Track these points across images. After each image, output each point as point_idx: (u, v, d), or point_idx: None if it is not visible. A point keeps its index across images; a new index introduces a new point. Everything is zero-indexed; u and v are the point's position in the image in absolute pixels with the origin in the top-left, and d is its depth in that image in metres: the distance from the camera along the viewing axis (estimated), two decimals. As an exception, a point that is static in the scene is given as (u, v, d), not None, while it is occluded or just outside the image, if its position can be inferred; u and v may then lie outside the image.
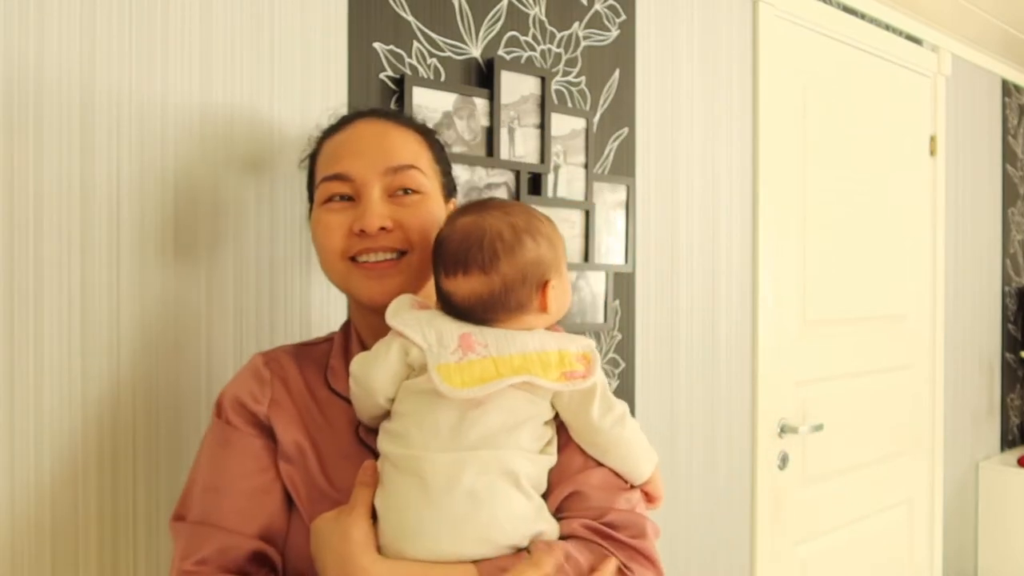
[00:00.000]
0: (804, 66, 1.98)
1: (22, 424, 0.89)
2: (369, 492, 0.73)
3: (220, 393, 0.84)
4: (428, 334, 0.74)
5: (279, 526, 0.78)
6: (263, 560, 0.76)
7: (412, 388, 0.75)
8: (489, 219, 0.77)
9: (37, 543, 0.90)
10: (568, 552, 0.70)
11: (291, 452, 0.79)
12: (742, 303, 1.81)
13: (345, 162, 0.83)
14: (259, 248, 1.07)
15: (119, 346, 0.96)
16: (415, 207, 0.83)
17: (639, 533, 0.75)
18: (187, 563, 0.74)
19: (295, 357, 0.87)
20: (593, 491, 0.76)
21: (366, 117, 0.88)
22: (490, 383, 0.71)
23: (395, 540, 0.70)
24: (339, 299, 1.15)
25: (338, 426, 0.81)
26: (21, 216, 0.89)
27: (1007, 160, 2.76)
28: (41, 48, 0.90)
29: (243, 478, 0.78)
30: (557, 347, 0.76)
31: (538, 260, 0.77)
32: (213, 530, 0.75)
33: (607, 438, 0.77)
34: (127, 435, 0.96)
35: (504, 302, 0.76)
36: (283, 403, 0.82)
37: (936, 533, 2.43)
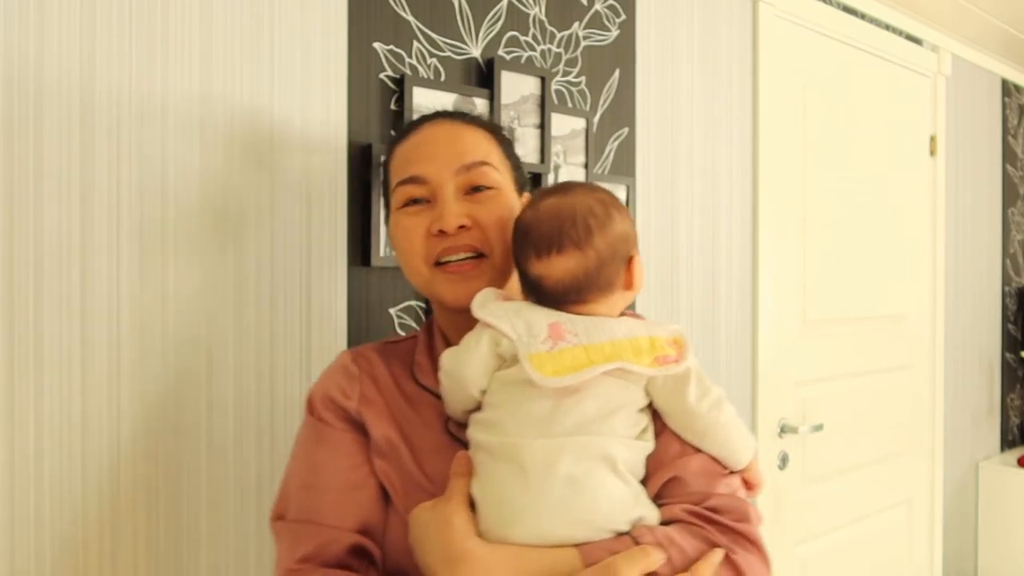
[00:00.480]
0: (804, 66, 1.98)
1: (22, 425, 0.89)
2: (465, 481, 0.73)
3: (310, 391, 0.86)
4: (517, 324, 0.74)
5: (376, 519, 0.79)
6: (363, 553, 0.77)
7: (504, 379, 0.75)
8: (577, 196, 0.77)
9: (36, 549, 0.90)
10: (671, 537, 0.70)
11: (383, 447, 0.80)
12: (742, 303, 1.81)
13: (418, 165, 0.84)
14: (259, 248, 1.07)
15: (119, 346, 0.96)
16: (490, 203, 0.83)
17: (742, 517, 0.74)
18: (291, 561, 0.75)
19: (381, 354, 0.88)
20: (693, 477, 0.75)
21: (434, 120, 0.89)
22: (583, 371, 0.71)
23: (496, 526, 0.70)
24: (341, 300, 1.15)
25: (427, 420, 0.82)
26: (21, 216, 0.89)
27: (1007, 160, 2.76)
28: (41, 48, 0.90)
29: (338, 474, 0.79)
30: (647, 333, 0.75)
31: (625, 235, 0.78)
32: (312, 527, 0.76)
33: (704, 423, 0.76)
34: (128, 435, 0.96)
35: (596, 280, 0.75)
36: (373, 398, 0.83)
37: (936, 533, 2.43)
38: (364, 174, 1.17)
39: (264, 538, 1.08)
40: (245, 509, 1.06)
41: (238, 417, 1.06)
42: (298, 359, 1.11)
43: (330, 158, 1.14)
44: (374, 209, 1.16)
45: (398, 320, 1.21)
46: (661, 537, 0.69)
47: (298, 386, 1.11)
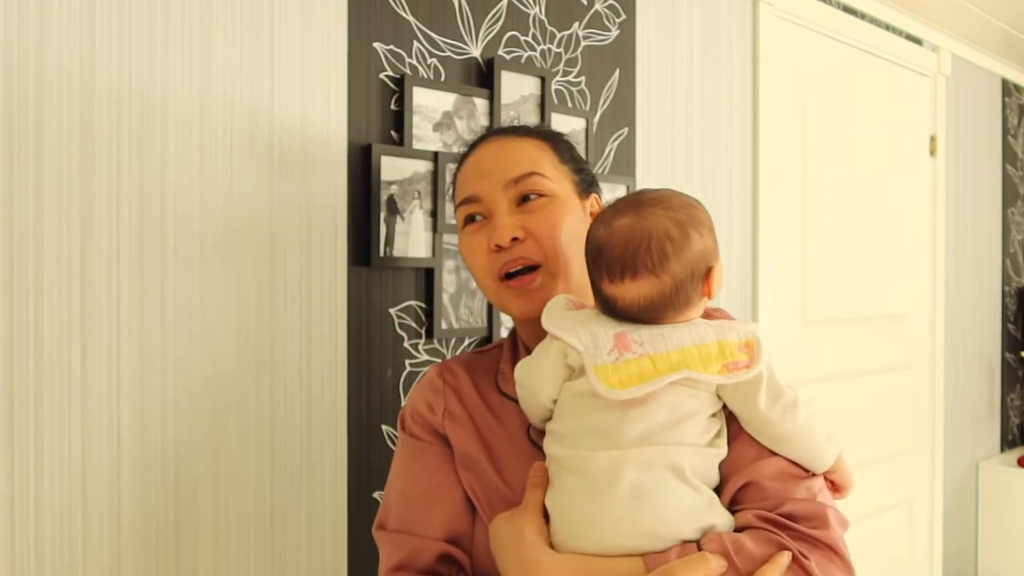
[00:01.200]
0: (804, 66, 1.98)
1: (22, 425, 0.89)
2: (540, 492, 0.75)
3: (403, 408, 0.91)
4: (583, 336, 0.74)
5: (464, 528, 0.82)
6: (451, 560, 0.81)
7: (572, 390, 0.75)
8: (652, 218, 0.74)
9: (36, 551, 0.90)
10: (739, 543, 0.68)
11: (465, 460, 0.84)
12: (742, 303, 1.81)
13: (473, 184, 0.87)
14: (259, 248, 1.07)
15: (119, 346, 0.96)
16: (541, 211, 0.84)
17: (821, 523, 0.71)
18: (386, 569, 0.81)
19: (466, 366, 0.92)
20: (768, 481, 0.73)
21: (487, 138, 0.91)
22: (648, 382, 0.70)
23: (566, 537, 0.71)
24: (341, 300, 1.15)
25: (511, 427, 0.84)
26: (21, 217, 0.89)
27: (1007, 160, 2.76)
28: (41, 48, 0.90)
29: (427, 485, 0.84)
30: (717, 338, 0.74)
31: (704, 252, 0.75)
32: (405, 536, 0.81)
33: (778, 428, 0.74)
34: (127, 435, 0.96)
35: (673, 301, 0.74)
36: (456, 412, 0.87)
37: (936, 533, 2.43)
38: (364, 174, 1.17)
39: (263, 532, 1.08)
40: (245, 506, 1.06)
41: (238, 416, 1.06)
42: (298, 359, 1.11)
43: (330, 158, 1.14)
44: (374, 209, 1.16)
45: (398, 320, 1.21)
46: (728, 543, 0.68)
47: (298, 385, 1.11)
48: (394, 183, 1.19)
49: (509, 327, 1.33)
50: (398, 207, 1.20)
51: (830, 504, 0.75)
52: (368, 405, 1.18)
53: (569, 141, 0.94)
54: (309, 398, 1.12)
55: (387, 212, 1.18)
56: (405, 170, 1.20)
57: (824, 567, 0.70)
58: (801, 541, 0.70)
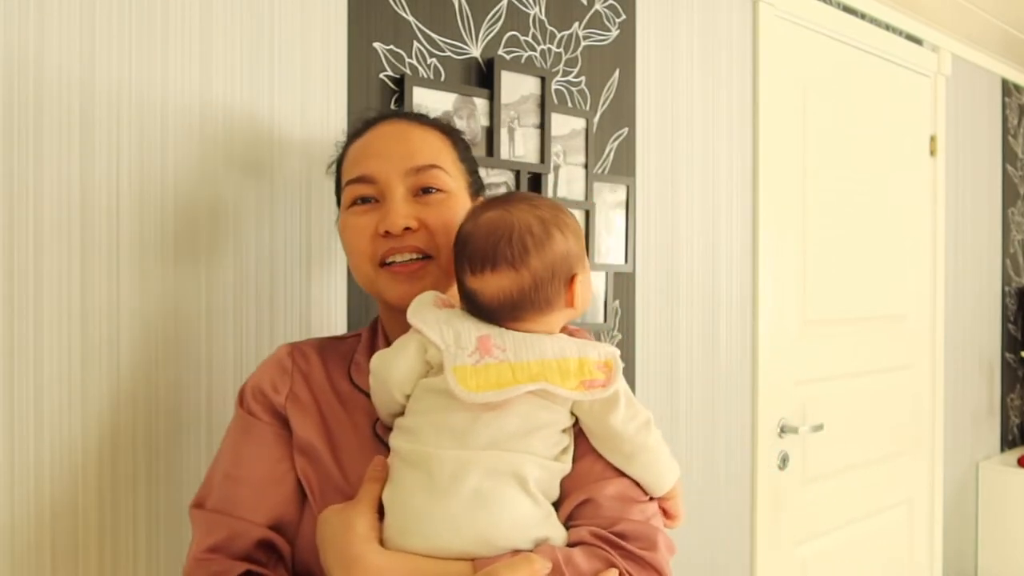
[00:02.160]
0: (804, 66, 1.98)
1: (21, 426, 0.89)
2: (377, 487, 0.73)
3: (244, 383, 0.86)
4: (446, 333, 0.73)
5: (290, 516, 0.78)
6: (271, 548, 0.77)
7: (428, 386, 0.75)
8: (516, 212, 0.75)
9: (37, 544, 0.90)
10: (570, 556, 0.69)
11: (304, 446, 0.80)
12: (742, 303, 1.81)
13: (368, 164, 0.84)
14: (259, 248, 1.07)
15: (119, 345, 0.96)
16: (439, 206, 0.83)
17: (650, 545, 0.72)
18: (199, 550, 0.76)
19: (320, 350, 0.88)
20: (607, 500, 0.74)
21: (388, 119, 0.88)
22: (506, 389, 0.70)
23: (397, 533, 0.70)
24: (340, 300, 1.15)
25: (357, 421, 0.82)
26: (21, 216, 0.89)
27: (1007, 160, 2.76)
28: (41, 48, 0.90)
29: (258, 467, 0.79)
30: (578, 354, 0.74)
31: (567, 253, 0.76)
32: (225, 518, 0.77)
33: (632, 444, 0.75)
34: (127, 436, 0.96)
35: (533, 299, 0.74)
36: (301, 396, 0.83)
37: (936, 533, 2.43)
38: (364, 174, 1.17)
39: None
40: (245, 509, 1.06)
41: (238, 417, 1.06)
42: (298, 359, 1.11)
43: (330, 158, 1.13)
44: (374, 209, 1.16)
45: (398, 320, 1.21)
46: (560, 555, 0.68)
47: (298, 386, 1.11)
48: (394, 183, 1.19)
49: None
50: (398, 207, 1.19)
51: (661, 529, 0.75)
52: (368, 405, 1.18)
53: (466, 140, 0.93)
54: (309, 398, 1.12)
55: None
56: (405, 170, 1.20)
57: None
58: (629, 560, 0.71)
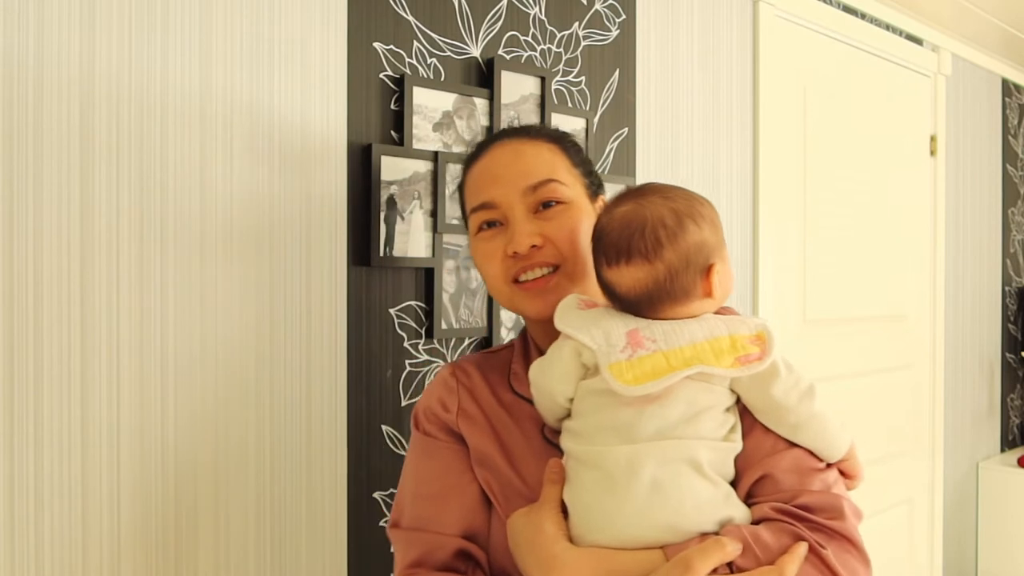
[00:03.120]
0: (804, 66, 1.98)
1: (21, 426, 0.89)
2: (557, 488, 0.75)
3: (415, 406, 0.91)
4: (596, 334, 0.74)
5: (480, 524, 0.82)
6: (468, 556, 0.81)
7: (589, 388, 0.76)
8: (650, 205, 0.76)
9: (36, 546, 0.90)
10: (757, 534, 0.69)
11: (481, 458, 0.84)
12: (742, 303, 1.81)
13: (487, 191, 0.86)
14: (259, 248, 1.07)
15: (118, 345, 0.96)
16: (559, 218, 0.85)
17: (836, 514, 0.72)
18: (403, 566, 0.81)
19: (479, 365, 0.92)
20: (784, 474, 0.73)
21: (499, 140, 0.90)
22: (663, 378, 0.71)
23: (585, 531, 0.72)
24: (340, 299, 1.15)
25: (525, 427, 0.84)
26: (21, 216, 0.89)
27: (1007, 160, 2.76)
28: (41, 48, 0.90)
29: (442, 483, 0.84)
30: (728, 331, 0.75)
31: (701, 244, 0.76)
32: (421, 534, 0.82)
33: (796, 415, 0.74)
34: (127, 434, 0.96)
35: (669, 290, 0.75)
36: (470, 410, 0.87)
37: (936, 533, 2.43)
38: (364, 174, 1.17)
39: (262, 530, 1.08)
40: (245, 504, 1.06)
41: (238, 415, 1.06)
42: (298, 358, 1.11)
43: (330, 158, 1.14)
44: (374, 209, 1.16)
45: (398, 320, 1.21)
46: (748, 534, 0.69)
47: (298, 385, 1.11)
48: (394, 183, 1.19)
49: (508, 327, 1.33)
50: (398, 207, 1.20)
51: (845, 496, 0.75)
52: (368, 405, 1.18)
53: (578, 143, 0.94)
54: (309, 398, 1.12)
55: (387, 212, 1.18)
56: (405, 170, 1.20)
57: (841, 557, 0.70)
58: (818, 532, 0.70)
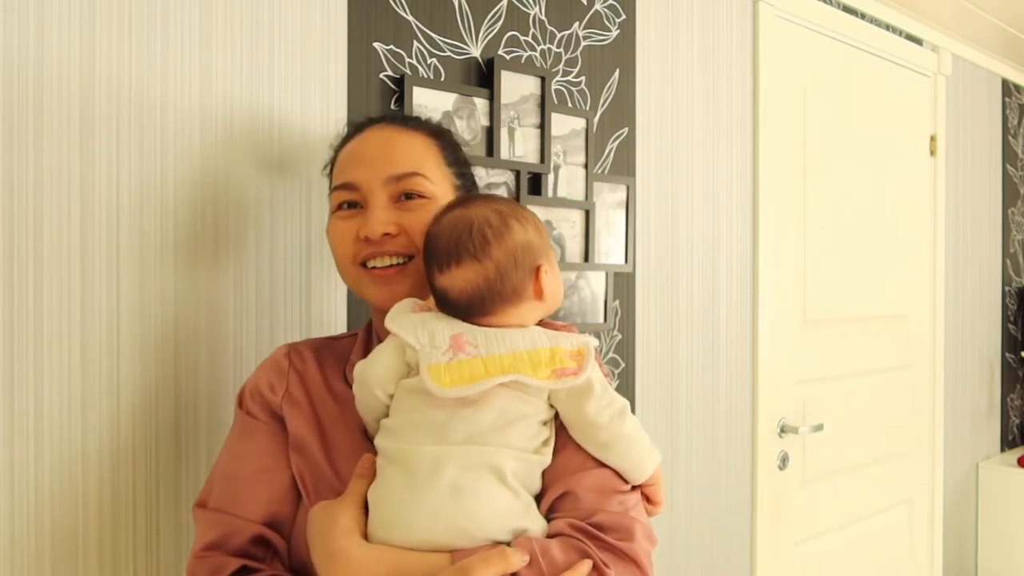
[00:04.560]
0: (804, 66, 1.98)
1: (21, 425, 0.89)
2: (364, 483, 0.75)
3: (243, 384, 0.89)
4: (421, 335, 0.76)
5: (285, 513, 0.81)
6: (266, 544, 0.80)
7: (407, 387, 0.77)
8: (474, 208, 0.79)
9: (37, 548, 0.90)
10: (546, 548, 0.70)
11: (298, 444, 0.83)
12: (742, 303, 1.81)
13: (352, 171, 0.86)
14: (259, 248, 1.07)
15: (119, 345, 0.96)
16: (419, 211, 0.84)
17: (627, 536, 0.74)
18: (199, 548, 0.79)
19: (317, 351, 0.91)
20: (585, 492, 0.75)
21: (376, 124, 0.90)
22: (478, 383, 0.72)
23: (379, 527, 0.72)
24: (341, 296, 1.15)
25: (350, 420, 0.84)
26: (21, 216, 0.89)
27: (1007, 160, 2.76)
28: (41, 48, 0.90)
29: (253, 465, 0.82)
30: (550, 344, 0.76)
31: (527, 244, 0.78)
32: (223, 516, 0.80)
33: (608, 433, 0.76)
34: (127, 435, 0.96)
35: (500, 289, 0.77)
36: (296, 396, 0.86)
37: (936, 533, 2.43)
38: (364, 174, 1.17)
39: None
40: (245, 509, 1.06)
41: (238, 417, 1.06)
42: (298, 359, 1.11)
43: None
44: (374, 209, 1.16)
45: (398, 320, 1.21)
46: (536, 546, 0.69)
47: (298, 386, 1.11)
48: (394, 183, 1.19)
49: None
50: (398, 207, 1.20)
51: (640, 519, 0.76)
52: (368, 405, 1.18)
53: (457, 142, 0.94)
54: (309, 398, 1.12)
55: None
56: (405, 170, 1.20)
57: None
58: (607, 551, 0.72)
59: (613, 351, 1.53)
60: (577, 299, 1.45)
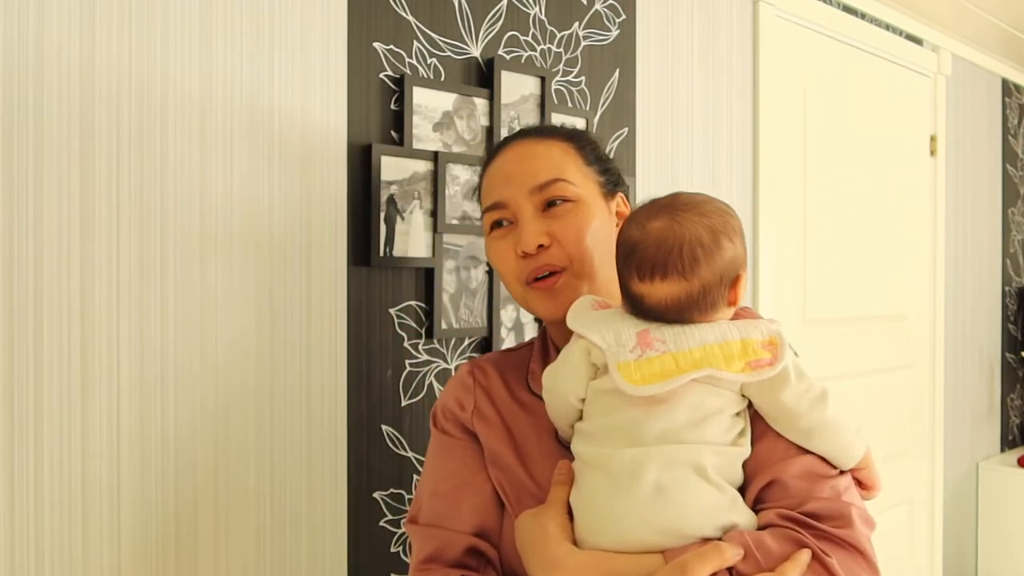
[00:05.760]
0: (804, 66, 1.98)
1: (21, 425, 0.89)
2: (565, 489, 0.76)
3: (435, 404, 0.93)
4: (606, 334, 0.75)
5: (492, 522, 0.83)
6: (479, 554, 0.82)
7: (597, 388, 0.76)
8: (686, 223, 0.75)
9: (37, 548, 0.90)
10: (760, 540, 0.68)
11: (494, 457, 0.85)
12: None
13: (497, 190, 0.88)
14: (259, 248, 1.07)
15: (119, 346, 0.96)
16: (567, 217, 0.85)
17: (844, 522, 0.70)
18: (418, 562, 0.83)
19: (497, 364, 0.93)
20: (793, 480, 0.72)
21: (513, 141, 0.91)
22: (671, 379, 0.71)
23: (588, 533, 0.72)
24: (341, 300, 1.15)
25: (540, 426, 0.85)
26: (21, 216, 0.89)
27: (1007, 160, 2.76)
28: (41, 48, 0.90)
29: (457, 480, 0.85)
30: (740, 336, 0.74)
31: (734, 259, 0.76)
32: (436, 530, 0.83)
33: (809, 420, 0.74)
34: (126, 436, 0.96)
35: (700, 303, 0.75)
36: (485, 410, 0.88)
37: (936, 533, 2.43)
38: (364, 174, 1.17)
39: (262, 530, 1.08)
40: (245, 504, 1.06)
41: (238, 415, 1.06)
42: (298, 358, 1.11)
43: (330, 158, 1.14)
44: (374, 209, 1.16)
45: (398, 320, 1.21)
46: (750, 540, 0.68)
47: (298, 385, 1.11)
48: (394, 183, 1.19)
49: (508, 327, 1.33)
50: (398, 207, 1.20)
51: (855, 503, 0.73)
52: (368, 405, 1.18)
53: (595, 140, 0.94)
54: (309, 398, 1.12)
55: (387, 212, 1.18)
56: (405, 170, 1.20)
57: (847, 566, 0.69)
58: (824, 540, 0.69)
59: (613, 351, 1.53)
60: (577, 299, 1.45)
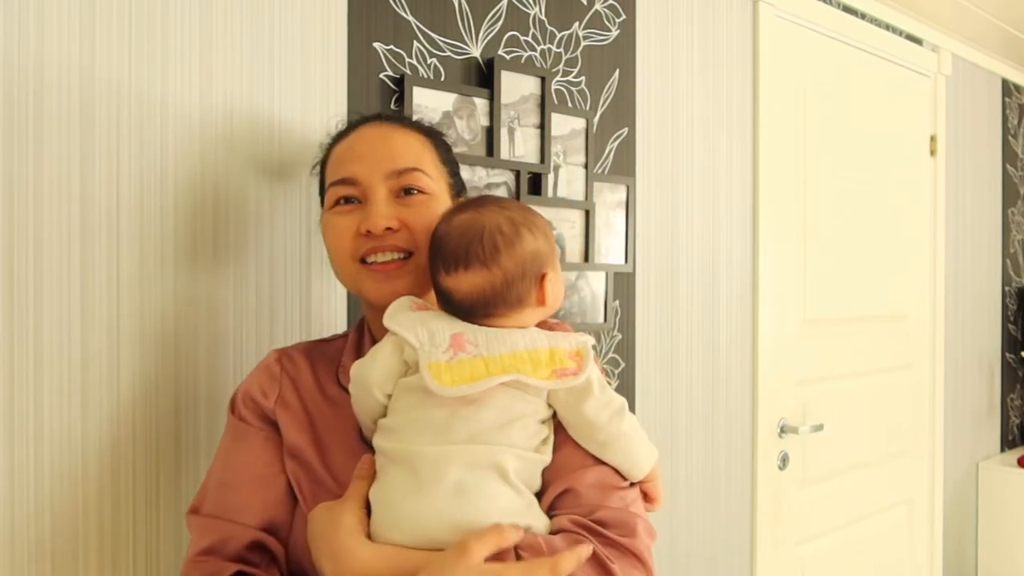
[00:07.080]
0: (804, 66, 1.98)
1: (21, 426, 0.89)
2: (365, 484, 0.75)
3: (235, 390, 0.88)
4: (420, 333, 0.76)
5: (281, 518, 0.81)
6: (263, 549, 0.80)
7: (406, 385, 0.77)
8: (487, 214, 0.78)
9: (37, 548, 0.90)
10: (551, 543, 0.71)
11: (293, 450, 0.82)
12: (742, 303, 1.81)
13: (350, 166, 0.86)
14: (259, 248, 1.07)
15: (119, 346, 0.96)
16: (420, 207, 0.85)
17: (629, 532, 0.74)
18: (194, 554, 0.79)
19: (308, 354, 0.90)
20: (586, 489, 0.76)
21: (370, 122, 0.90)
22: (479, 382, 0.73)
23: (384, 528, 0.72)
24: (341, 299, 1.15)
25: (344, 423, 0.83)
26: (21, 216, 0.89)
27: (1007, 160, 2.76)
28: (41, 48, 0.90)
29: (249, 471, 0.82)
30: (549, 344, 0.77)
31: (536, 253, 0.79)
32: (219, 522, 0.79)
33: (606, 432, 0.77)
34: (126, 436, 0.96)
35: (505, 296, 0.77)
36: (290, 401, 0.85)
37: (936, 533, 2.43)
38: (364, 174, 1.17)
39: (264, 538, 1.08)
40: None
41: (238, 417, 1.06)
42: (298, 359, 1.11)
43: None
44: (374, 209, 1.16)
45: (398, 320, 1.21)
46: (542, 541, 0.70)
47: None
48: (394, 183, 1.19)
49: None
50: (398, 207, 1.20)
51: (641, 515, 0.77)
52: (368, 405, 1.18)
53: (447, 143, 0.94)
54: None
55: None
56: (405, 170, 1.20)
57: (627, 572, 0.72)
58: (609, 547, 0.73)
59: (613, 351, 1.53)
60: (577, 299, 1.45)
